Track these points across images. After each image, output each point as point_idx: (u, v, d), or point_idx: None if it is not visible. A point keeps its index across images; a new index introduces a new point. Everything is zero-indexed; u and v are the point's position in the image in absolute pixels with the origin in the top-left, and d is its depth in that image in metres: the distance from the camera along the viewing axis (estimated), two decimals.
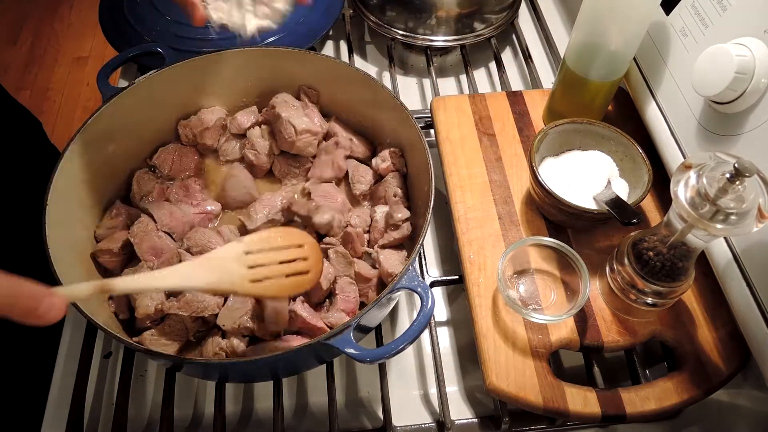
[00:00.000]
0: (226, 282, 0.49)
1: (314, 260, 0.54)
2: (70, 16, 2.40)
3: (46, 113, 2.07)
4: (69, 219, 0.59)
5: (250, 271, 0.50)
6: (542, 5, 0.98)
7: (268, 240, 0.52)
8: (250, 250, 0.51)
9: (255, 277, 0.50)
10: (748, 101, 0.51)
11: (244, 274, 0.50)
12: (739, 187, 0.43)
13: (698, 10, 0.59)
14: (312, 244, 0.54)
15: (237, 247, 0.50)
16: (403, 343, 0.46)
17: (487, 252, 0.62)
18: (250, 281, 0.50)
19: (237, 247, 0.50)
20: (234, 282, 0.49)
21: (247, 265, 0.50)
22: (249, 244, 0.51)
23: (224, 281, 0.49)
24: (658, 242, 0.52)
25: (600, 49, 0.62)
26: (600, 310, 0.59)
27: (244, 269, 0.50)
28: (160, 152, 0.71)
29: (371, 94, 0.68)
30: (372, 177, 0.70)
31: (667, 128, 0.63)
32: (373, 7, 0.91)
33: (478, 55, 0.93)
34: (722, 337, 0.56)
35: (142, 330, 0.58)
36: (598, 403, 0.54)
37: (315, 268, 0.54)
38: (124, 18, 0.87)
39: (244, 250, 0.50)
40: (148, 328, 0.58)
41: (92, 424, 0.60)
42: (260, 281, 0.50)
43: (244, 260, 0.50)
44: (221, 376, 0.58)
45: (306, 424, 0.60)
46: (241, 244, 0.51)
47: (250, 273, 0.50)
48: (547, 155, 0.65)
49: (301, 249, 0.53)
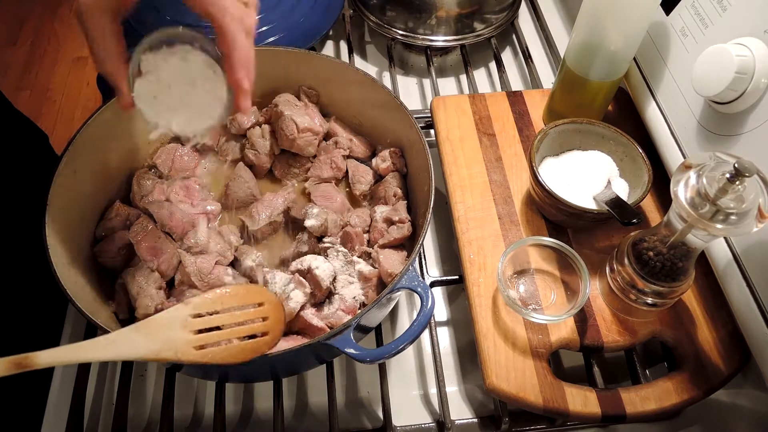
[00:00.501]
0: (167, 350, 0.46)
1: (274, 320, 0.50)
2: (70, 16, 2.40)
3: (46, 113, 2.07)
4: (69, 219, 0.59)
5: (195, 337, 0.47)
6: (542, 5, 0.98)
7: (221, 300, 0.49)
8: (198, 313, 0.48)
9: (201, 343, 0.47)
10: (748, 101, 0.51)
11: (189, 339, 0.46)
12: (739, 187, 0.43)
13: (698, 10, 0.59)
14: (273, 302, 0.51)
15: (182, 311, 0.47)
16: (403, 343, 0.46)
17: (487, 252, 0.62)
18: (196, 348, 0.47)
19: (182, 311, 0.47)
20: (177, 350, 0.46)
21: (194, 329, 0.47)
22: (197, 306, 0.48)
23: (166, 350, 0.46)
24: (658, 242, 0.52)
25: (600, 49, 0.62)
26: (600, 310, 0.59)
27: (190, 335, 0.47)
28: (160, 152, 0.71)
29: (371, 94, 0.68)
30: (372, 177, 0.70)
31: (667, 128, 0.63)
32: (373, 7, 0.91)
33: (478, 55, 0.93)
34: (722, 337, 0.56)
35: None
36: (598, 403, 0.54)
37: (274, 329, 0.50)
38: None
39: (190, 313, 0.47)
40: None
41: (92, 424, 0.60)
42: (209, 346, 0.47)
43: (191, 324, 0.47)
44: (221, 376, 0.58)
45: (306, 424, 0.60)
46: (187, 307, 0.48)
47: (195, 339, 0.47)
48: (547, 155, 0.65)
49: (260, 309, 0.50)
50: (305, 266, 0.59)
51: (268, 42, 0.84)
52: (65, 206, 0.58)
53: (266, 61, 0.71)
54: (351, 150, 0.72)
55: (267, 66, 0.71)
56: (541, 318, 0.55)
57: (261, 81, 0.73)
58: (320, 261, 0.60)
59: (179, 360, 0.46)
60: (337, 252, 0.62)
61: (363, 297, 0.61)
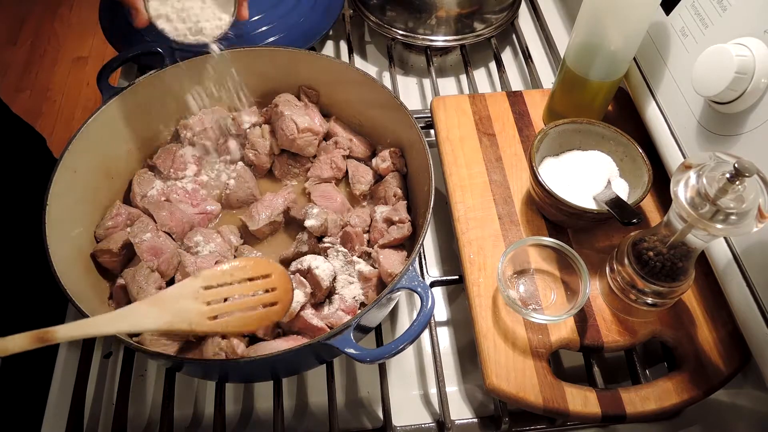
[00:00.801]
0: (182, 321, 0.47)
1: (282, 290, 0.51)
2: (70, 16, 2.40)
3: (46, 113, 2.07)
4: (69, 219, 0.59)
5: (209, 308, 0.48)
6: (542, 5, 0.98)
7: (230, 273, 0.50)
8: (209, 285, 0.49)
9: (214, 314, 0.48)
10: (748, 101, 0.51)
11: (202, 311, 0.48)
12: (739, 187, 0.43)
13: (698, 10, 0.59)
14: (280, 273, 0.52)
15: (194, 283, 0.48)
16: (403, 343, 0.46)
17: (487, 252, 0.62)
18: (209, 318, 0.48)
19: (194, 283, 0.48)
20: (191, 321, 0.47)
21: (205, 300, 0.48)
22: (207, 278, 0.49)
23: (180, 321, 0.47)
24: (658, 242, 0.52)
25: (600, 49, 0.62)
26: (600, 310, 0.59)
27: (202, 306, 0.48)
28: (160, 152, 0.71)
29: (371, 94, 0.68)
30: (372, 177, 0.70)
31: (667, 128, 0.63)
32: (373, 7, 0.91)
33: (478, 55, 0.93)
34: (722, 337, 0.56)
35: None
36: (598, 403, 0.54)
37: (283, 299, 0.51)
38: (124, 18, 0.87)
39: (201, 285, 0.48)
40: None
41: (92, 424, 0.60)
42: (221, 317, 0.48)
43: (203, 296, 0.48)
44: (221, 376, 0.58)
45: (306, 424, 0.60)
46: (198, 279, 0.49)
47: (208, 309, 0.48)
48: (547, 155, 0.65)
49: (267, 280, 0.51)
50: (305, 266, 0.59)
51: (268, 42, 0.84)
52: (65, 206, 0.58)
53: (266, 61, 0.71)
54: (351, 150, 0.72)
55: (267, 66, 0.71)
56: (541, 318, 0.55)
57: (261, 81, 0.73)
58: (320, 261, 0.60)
59: (193, 330, 0.47)
60: (337, 252, 0.62)
61: (363, 297, 0.61)
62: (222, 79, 0.72)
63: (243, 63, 0.70)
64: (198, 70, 0.69)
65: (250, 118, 0.74)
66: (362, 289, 0.61)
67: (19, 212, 0.83)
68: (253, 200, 0.69)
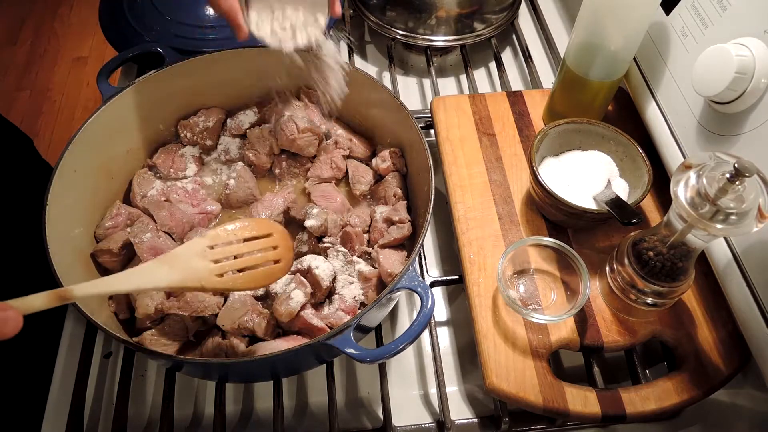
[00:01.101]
0: (192, 279, 0.48)
1: (284, 248, 0.53)
2: (70, 16, 2.40)
3: (46, 113, 2.07)
4: (69, 219, 0.59)
5: (217, 266, 0.49)
6: (542, 5, 0.98)
7: (234, 232, 0.51)
8: (214, 244, 0.50)
9: (222, 271, 0.49)
10: (748, 101, 0.51)
11: (211, 268, 0.49)
12: (739, 187, 0.43)
13: (698, 10, 0.59)
14: (281, 232, 0.53)
15: (200, 242, 0.49)
16: (403, 343, 0.46)
17: (487, 252, 0.62)
18: (217, 275, 0.49)
19: (200, 242, 0.49)
20: (201, 278, 0.48)
21: (212, 259, 0.49)
22: (213, 238, 0.50)
23: (190, 278, 0.48)
24: (658, 242, 0.52)
25: (600, 49, 0.62)
26: (600, 310, 0.59)
27: (210, 264, 0.49)
28: (160, 152, 0.71)
29: (371, 94, 0.68)
30: (372, 177, 0.70)
31: (667, 128, 0.63)
32: (373, 7, 0.91)
33: (478, 55, 0.93)
34: (722, 337, 0.56)
35: (142, 330, 0.58)
36: (598, 403, 0.54)
37: (286, 256, 0.53)
38: (124, 18, 0.87)
39: (207, 244, 0.49)
40: (148, 328, 0.58)
41: (92, 424, 0.60)
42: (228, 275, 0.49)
43: (209, 254, 0.49)
44: (221, 376, 0.58)
45: (306, 424, 0.60)
46: (204, 239, 0.50)
47: (216, 267, 0.49)
48: (547, 155, 0.65)
49: (269, 238, 0.52)
50: (305, 266, 0.59)
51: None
52: (65, 206, 0.58)
53: (266, 61, 0.71)
54: (351, 150, 0.72)
55: (267, 66, 0.71)
56: (541, 318, 0.55)
57: (261, 81, 0.73)
58: (320, 261, 0.60)
59: (203, 288, 0.48)
60: (337, 252, 0.62)
61: (363, 297, 0.61)
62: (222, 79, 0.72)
63: (243, 63, 0.70)
64: (198, 70, 0.69)
65: (249, 118, 0.74)
66: (362, 289, 0.61)
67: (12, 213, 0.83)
68: (253, 200, 0.69)
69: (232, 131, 0.73)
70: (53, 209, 0.55)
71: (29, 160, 0.95)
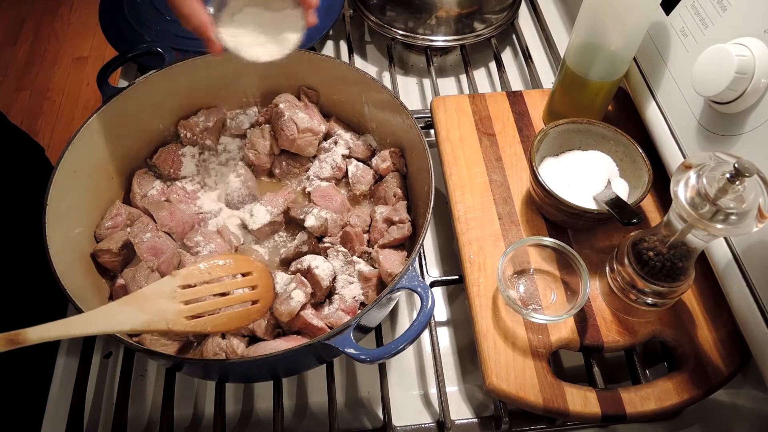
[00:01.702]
0: (158, 321, 0.46)
1: (263, 287, 0.51)
2: (70, 16, 2.40)
3: (46, 113, 2.07)
4: (69, 219, 0.59)
5: (187, 307, 0.47)
6: (542, 5, 0.98)
7: (208, 271, 0.49)
8: (186, 284, 0.48)
9: (192, 313, 0.47)
10: (748, 101, 0.51)
11: (180, 310, 0.47)
12: (739, 187, 0.43)
13: (698, 10, 0.59)
14: (261, 270, 0.51)
15: (170, 282, 0.48)
16: (403, 343, 0.46)
17: (487, 252, 0.62)
18: (187, 317, 0.47)
19: (170, 282, 0.48)
20: (168, 320, 0.46)
21: (183, 299, 0.47)
22: (185, 277, 0.48)
23: (156, 321, 0.46)
24: (658, 242, 0.52)
25: (600, 49, 0.62)
26: (600, 310, 0.59)
27: (180, 305, 0.47)
28: (160, 152, 0.71)
29: (371, 94, 0.68)
30: (372, 177, 0.70)
31: (667, 128, 0.63)
32: (373, 7, 0.91)
33: (478, 55, 0.93)
34: (722, 337, 0.56)
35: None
36: (598, 403, 0.54)
37: (265, 296, 0.50)
38: (124, 18, 0.87)
39: (179, 284, 0.48)
40: None
41: (92, 424, 0.60)
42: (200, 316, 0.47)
43: (180, 295, 0.47)
44: (221, 376, 0.58)
45: (306, 424, 0.60)
46: (175, 279, 0.48)
47: (186, 309, 0.47)
48: (547, 155, 0.65)
49: (248, 278, 0.50)
50: (305, 266, 0.59)
51: None
52: (65, 206, 0.58)
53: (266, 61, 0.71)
54: (351, 150, 0.72)
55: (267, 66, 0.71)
56: (541, 318, 0.55)
57: (261, 81, 0.73)
58: (320, 261, 0.60)
59: (171, 330, 0.46)
60: (337, 252, 0.62)
61: (363, 297, 0.61)
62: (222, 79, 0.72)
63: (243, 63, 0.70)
64: (198, 70, 0.69)
65: (249, 118, 0.74)
66: (362, 289, 0.61)
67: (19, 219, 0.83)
68: (252, 200, 0.69)
69: (232, 131, 0.73)
70: (53, 209, 0.55)
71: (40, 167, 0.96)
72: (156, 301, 0.46)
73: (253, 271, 0.51)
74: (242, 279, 0.50)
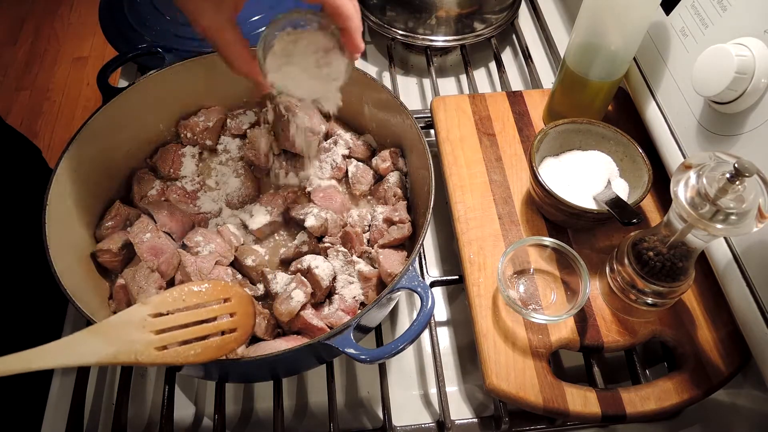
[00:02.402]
0: (126, 353, 0.42)
1: (243, 315, 0.48)
2: (70, 16, 2.40)
3: (46, 113, 2.07)
4: (69, 219, 0.59)
5: (157, 338, 0.44)
6: (542, 5, 0.98)
7: (182, 298, 0.46)
8: (158, 312, 0.45)
9: (163, 344, 0.44)
10: (748, 101, 0.51)
11: (150, 340, 0.43)
12: (739, 187, 0.43)
13: (698, 10, 0.59)
14: (240, 296, 0.48)
15: (140, 311, 0.44)
16: (403, 343, 0.46)
17: (487, 252, 0.62)
18: (157, 348, 0.44)
19: (140, 311, 0.44)
20: (137, 351, 0.43)
21: (154, 329, 0.44)
22: (156, 305, 0.45)
23: (124, 352, 0.42)
24: (658, 242, 0.52)
25: (600, 49, 0.62)
26: (600, 310, 0.59)
27: (150, 335, 0.44)
28: (160, 152, 0.71)
29: (371, 94, 0.68)
30: (372, 177, 0.70)
31: (667, 128, 0.63)
32: (373, 7, 0.91)
33: (478, 55, 0.93)
34: (722, 337, 0.56)
35: None
36: (598, 403, 0.54)
37: (244, 324, 0.48)
38: (124, 18, 0.87)
39: (149, 312, 0.44)
40: None
41: (92, 424, 0.60)
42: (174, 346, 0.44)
43: (150, 324, 0.44)
44: (221, 376, 0.58)
45: (306, 424, 0.60)
46: (146, 306, 0.45)
47: (157, 339, 0.44)
48: (547, 155, 0.65)
49: (226, 304, 0.47)
50: (305, 266, 0.59)
51: None
52: (65, 206, 0.58)
53: None
54: (351, 150, 0.72)
55: None
56: (541, 318, 0.55)
57: None
58: (320, 261, 0.60)
59: (138, 362, 0.43)
60: (337, 252, 0.62)
61: (363, 297, 0.61)
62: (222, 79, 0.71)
63: None
64: (198, 70, 0.69)
65: (249, 118, 0.74)
66: (362, 289, 0.61)
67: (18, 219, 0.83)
68: (252, 200, 0.69)
69: (232, 131, 0.73)
70: (53, 209, 0.55)
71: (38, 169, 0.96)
72: (124, 331, 0.43)
73: (232, 297, 0.48)
74: (219, 306, 0.47)
